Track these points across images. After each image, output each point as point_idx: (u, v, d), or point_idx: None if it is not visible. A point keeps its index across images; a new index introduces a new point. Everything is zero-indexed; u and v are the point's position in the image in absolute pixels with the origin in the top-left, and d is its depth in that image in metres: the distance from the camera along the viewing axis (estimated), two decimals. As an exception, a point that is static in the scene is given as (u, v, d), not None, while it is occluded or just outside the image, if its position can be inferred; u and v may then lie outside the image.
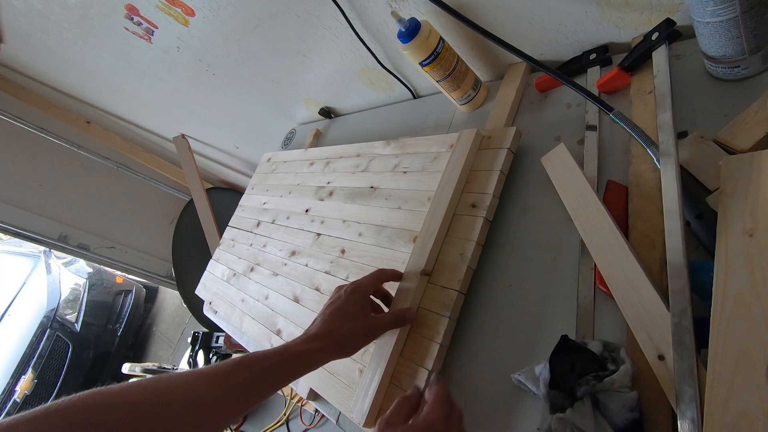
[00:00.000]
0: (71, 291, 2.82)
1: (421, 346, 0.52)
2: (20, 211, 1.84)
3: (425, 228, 0.58)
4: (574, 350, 0.39)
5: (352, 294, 0.48)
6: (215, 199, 1.70)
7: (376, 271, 0.54)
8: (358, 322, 0.47)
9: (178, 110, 1.47)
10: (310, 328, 0.47)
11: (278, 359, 0.41)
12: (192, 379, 0.36)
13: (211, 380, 0.37)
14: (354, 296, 0.48)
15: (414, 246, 0.58)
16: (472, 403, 0.49)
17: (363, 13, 0.73)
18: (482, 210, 0.55)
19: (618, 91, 0.56)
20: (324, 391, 0.61)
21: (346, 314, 0.47)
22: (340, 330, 0.46)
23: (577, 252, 0.48)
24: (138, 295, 3.16)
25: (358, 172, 0.78)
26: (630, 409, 0.35)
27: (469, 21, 0.59)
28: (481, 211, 0.55)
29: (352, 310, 0.47)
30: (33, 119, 1.75)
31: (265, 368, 0.40)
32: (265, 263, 0.86)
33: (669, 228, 0.40)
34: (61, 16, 1.09)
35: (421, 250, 0.57)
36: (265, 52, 0.96)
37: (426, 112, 0.84)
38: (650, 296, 0.39)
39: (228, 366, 0.39)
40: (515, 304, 0.51)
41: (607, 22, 0.57)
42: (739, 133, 0.41)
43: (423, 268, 0.55)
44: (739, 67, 0.44)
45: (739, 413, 0.29)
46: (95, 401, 0.31)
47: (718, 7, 0.39)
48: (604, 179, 0.50)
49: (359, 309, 0.48)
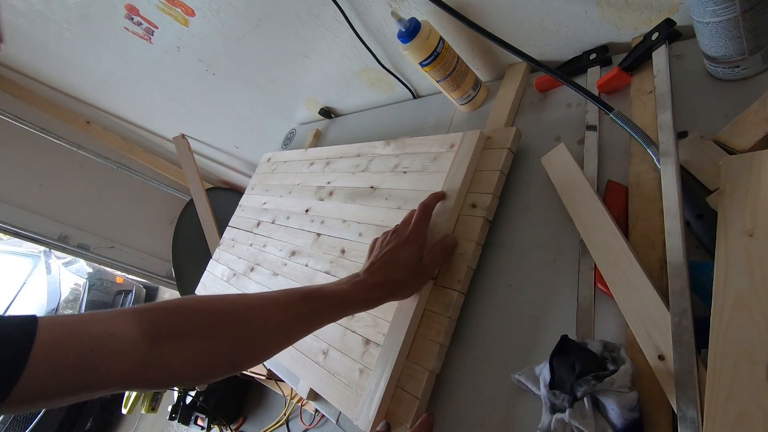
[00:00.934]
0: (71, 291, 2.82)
1: (422, 346, 0.52)
2: (20, 211, 1.84)
3: (430, 230, 0.58)
4: (574, 350, 0.39)
5: (411, 240, 0.50)
6: (215, 199, 1.69)
7: (422, 207, 0.54)
8: (416, 269, 0.50)
9: (178, 110, 1.47)
10: (371, 272, 0.49)
11: (340, 302, 0.46)
12: (268, 304, 0.42)
13: (282, 307, 0.43)
14: (412, 246, 0.50)
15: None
16: (472, 403, 0.49)
17: (363, 13, 0.73)
18: (482, 210, 0.55)
19: (618, 91, 0.56)
20: (324, 391, 0.61)
21: (404, 264, 0.49)
22: (396, 280, 0.49)
23: (577, 252, 0.48)
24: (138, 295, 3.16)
25: (358, 172, 0.78)
26: (630, 409, 0.35)
27: (469, 21, 0.59)
28: (481, 211, 0.55)
29: (409, 258, 0.50)
30: (33, 119, 1.75)
31: (328, 306, 0.45)
32: (265, 263, 0.86)
33: (669, 228, 0.40)
34: (61, 16, 1.09)
35: None
36: (265, 52, 0.96)
37: (426, 112, 0.84)
38: (650, 296, 0.39)
39: (297, 297, 0.44)
40: (515, 304, 0.51)
41: (607, 22, 0.57)
42: (739, 133, 0.41)
43: None
44: (739, 67, 0.44)
45: (739, 413, 0.29)
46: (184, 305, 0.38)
47: (718, 7, 0.39)
48: (604, 179, 0.50)
49: (415, 258, 0.50)
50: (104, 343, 0.31)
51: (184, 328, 0.36)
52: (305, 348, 0.66)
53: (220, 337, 0.37)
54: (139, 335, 0.33)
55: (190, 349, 0.35)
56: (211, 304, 0.39)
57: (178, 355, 0.34)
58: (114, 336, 0.31)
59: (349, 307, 0.46)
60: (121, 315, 0.33)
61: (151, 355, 0.33)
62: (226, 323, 0.38)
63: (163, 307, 0.36)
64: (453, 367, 0.52)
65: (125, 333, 0.32)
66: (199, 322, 0.37)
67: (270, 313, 0.41)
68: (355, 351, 0.58)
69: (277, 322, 0.42)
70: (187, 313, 0.37)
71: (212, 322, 0.37)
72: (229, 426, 1.92)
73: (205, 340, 0.36)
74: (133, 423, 2.75)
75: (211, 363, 0.37)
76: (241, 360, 0.39)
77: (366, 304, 0.47)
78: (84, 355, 0.30)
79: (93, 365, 0.30)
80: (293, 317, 0.43)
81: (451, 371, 0.52)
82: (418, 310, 0.54)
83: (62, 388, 0.30)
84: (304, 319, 0.44)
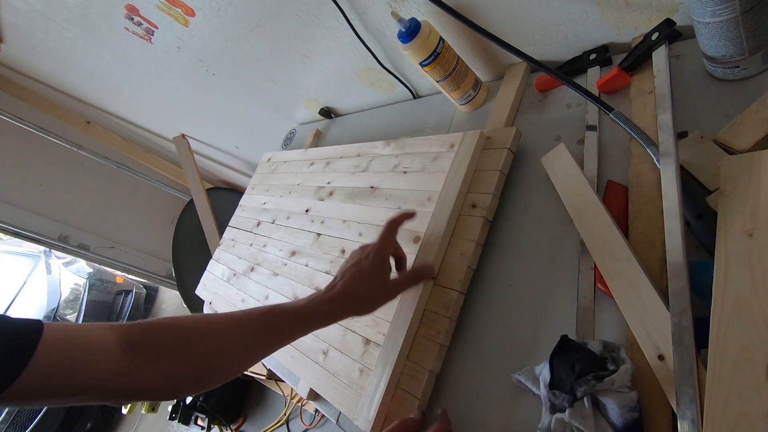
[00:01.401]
0: (71, 291, 2.81)
1: (422, 346, 0.52)
2: (20, 211, 1.84)
3: (430, 230, 0.58)
4: (574, 350, 0.39)
5: (375, 258, 0.50)
6: (215, 199, 1.69)
7: (387, 225, 0.53)
8: (377, 283, 0.49)
9: (178, 110, 1.47)
10: (331, 288, 0.49)
11: (299, 318, 0.46)
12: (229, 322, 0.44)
13: (241, 324, 0.44)
14: (375, 260, 0.49)
15: (418, 248, 0.58)
16: (472, 402, 0.49)
17: (363, 13, 0.73)
18: (482, 210, 0.55)
19: (618, 91, 0.56)
20: (324, 391, 0.61)
21: (366, 280, 0.49)
22: (359, 292, 0.48)
23: (577, 252, 0.48)
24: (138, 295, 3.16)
25: (358, 172, 0.78)
26: (630, 409, 0.35)
27: (469, 21, 0.60)
28: (481, 211, 0.55)
29: (371, 276, 0.49)
30: (33, 119, 1.75)
31: (287, 322, 0.46)
32: (265, 263, 0.86)
33: (669, 228, 0.40)
34: (61, 16, 1.09)
35: (425, 254, 0.57)
36: (266, 52, 0.96)
37: (426, 112, 0.84)
38: (650, 296, 0.39)
39: (256, 314, 0.46)
40: (515, 304, 0.51)
41: (607, 22, 0.57)
42: (739, 133, 0.41)
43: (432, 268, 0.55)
44: (739, 67, 0.44)
45: (739, 413, 0.29)
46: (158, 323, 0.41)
47: (718, 7, 0.39)
48: (604, 179, 0.50)
49: (378, 272, 0.49)
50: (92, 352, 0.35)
51: (155, 344, 0.39)
52: (305, 348, 0.66)
53: (184, 354, 0.40)
54: (119, 348, 0.37)
55: (159, 363, 0.39)
56: (179, 323, 0.42)
57: (150, 368, 0.38)
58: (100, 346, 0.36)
59: (309, 322, 0.47)
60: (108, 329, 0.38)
61: (128, 366, 0.37)
62: (190, 341, 0.41)
63: (141, 325, 0.40)
64: (453, 367, 0.52)
65: (109, 345, 0.37)
66: (167, 339, 0.40)
67: (230, 331, 0.44)
68: (355, 351, 0.58)
69: (238, 339, 0.44)
70: (159, 330, 0.40)
71: (178, 339, 0.41)
72: (229, 426, 1.92)
73: (172, 357, 0.40)
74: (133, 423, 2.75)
75: (178, 378, 0.40)
76: (206, 376, 0.42)
77: (324, 319, 0.47)
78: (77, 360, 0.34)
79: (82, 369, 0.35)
80: (252, 334, 0.44)
81: (451, 371, 0.52)
82: (418, 310, 0.54)
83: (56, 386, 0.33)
84: (263, 335, 0.45)
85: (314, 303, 0.47)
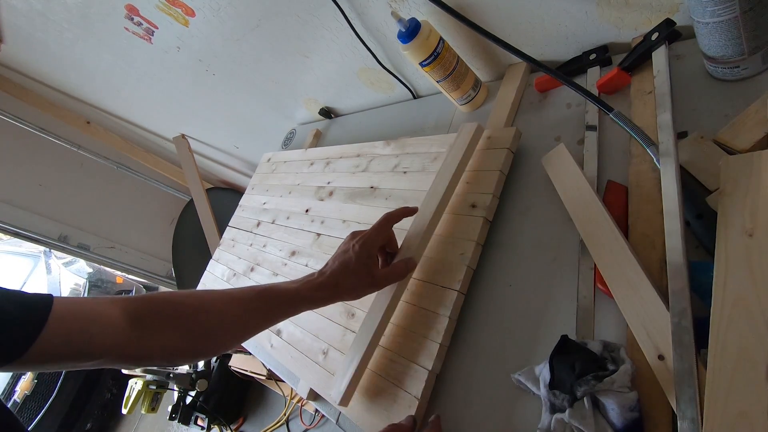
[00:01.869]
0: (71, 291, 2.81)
1: (421, 346, 0.52)
2: (20, 211, 1.84)
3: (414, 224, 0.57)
4: (574, 350, 0.39)
5: (361, 249, 0.50)
6: (215, 199, 1.69)
7: (383, 218, 0.53)
8: (363, 277, 0.50)
9: (178, 110, 1.47)
10: (322, 273, 0.51)
11: (290, 299, 0.49)
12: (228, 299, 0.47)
13: (238, 302, 0.47)
14: (362, 252, 0.50)
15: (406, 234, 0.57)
16: (472, 402, 0.49)
17: (363, 13, 0.73)
18: (482, 210, 0.55)
19: (618, 91, 0.56)
20: (324, 391, 0.61)
21: (353, 270, 0.50)
22: (345, 283, 0.50)
23: (577, 252, 0.48)
24: (138, 295, 3.15)
25: (358, 172, 0.78)
26: (630, 409, 0.35)
27: (469, 21, 0.60)
28: (481, 211, 0.55)
29: (357, 267, 0.50)
30: (33, 119, 1.74)
31: (280, 303, 0.49)
32: (265, 263, 0.86)
33: (669, 228, 0.40)
34: (61, 16, 1.09)
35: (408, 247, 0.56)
36: (266, 52, 0.96)
37: (426, 112, 0.84)
38: (650, 296, 0.39)
39: (253, 293, 0.48)
40: (515, 304, 0.51)
41: (607, 22, 0.57)
42: (739, 133, 0.41)
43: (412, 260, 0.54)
44: (739, 68, 0.44)
45: (739, 413, 0.29)
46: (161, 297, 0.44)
47: (718, 8, 0.39)
48: (604, 179, 0.50)
49: (363, 266, 0.50)
50: (100, 321, 0.39)
51: (157, 316, 0.43)
52: (305, 348, 0.66)
53: (184, 325, 0.44)
54: (125, 319, 0.40)
55: (161, 335, 0.42)
56: (182, 298, 0.46)
57: (151, 337, 0.42)
58: (107, 317, 0.40)
59: (299, 305, 0.50)
60: (114, 302, 0.41)
61: (132, 334, 0.40)
62: (189, 315, 0.44)
63: (145, 298, 0.43)
64: (453, 367, 0.52)
65: (115, 315, 0.40)
66: (169, 312, 0.44)
67: (228, 308, 0.47)
68: (355, 351, 0.58)
69: (233, 315, 0.47)
70: (162, 304, 0.44)
71: (179, 312, 0.44)
72: (229, 426, 1.92)
73: (172, 328, 0.43)
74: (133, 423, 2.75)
75: (177, 347, 0.43)
76: (202, 348, 0.45)
77: (313, 302, 0.50)
78: (85, 328, 0.38)
79: (91, 337, 0.38)
80: (247, 312, 0.48)
81: (451, 371, 0.52)
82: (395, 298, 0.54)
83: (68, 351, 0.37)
84: (257, 314, 0.48)
85: (307, 287, 0.49)
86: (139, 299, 0.43)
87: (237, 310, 0.47)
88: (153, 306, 0.43)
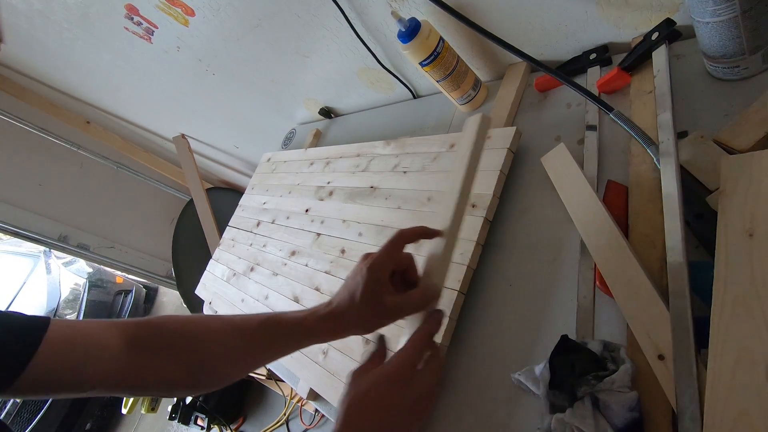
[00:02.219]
0: (71, 291, 2.81)
1: (421, 346, 0.52)
2: (20, 211, 1.84)
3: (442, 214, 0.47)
4: (574, 350, 0.39)
5: (368, 274, 0.42)
6: (215, 199, 1.69)
7: (395, 236, 0.43)
8: (371, 307, 0.42)
9: (178, 110, 1.47)
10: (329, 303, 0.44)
11: (295, 333, 0.44)
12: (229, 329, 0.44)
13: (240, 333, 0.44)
14: (370, 277, 0.41)
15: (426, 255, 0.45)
16: (472, 403, 0.49)
17: (363, 13, 0.73)
18: (482, 210, 0.55)
19: (618, 91, 0.55)
20: (324, 391, 0.61)
21: (360, 300, 0.41)
22: (351, 316, 0.43)
23: (577, 252, 0.48)
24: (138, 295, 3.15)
25: (358, 172, 0.78)
26: (630, 409, 0.35)
27: (469, 21, 0.59)
28: (481, 211, 0.55)
29: (365, 295, 0.41)
30: (33, 119, 1.75)
31: (284, 336, 0.45)
32: (265, 263, 0.86)
33: (669, 228, 0.40)
34: (61, 16, 1.09)
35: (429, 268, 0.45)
36: (265, 52, 0.95)
37: (426, 112, 0.84)
38: (650, 296, 0.39)
39: (256, 324, 0.44)
40: (515, 304, 0.51)
41: (607, 21, 0.57)
42: (739, 133, 0.41)
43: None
44: (739, 67, 0.44)
45: (739, 413, 0.29)
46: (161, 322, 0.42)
47: (718, 7, 0.39)
48: (604, 179, 0.50)
49: (371, 293, 0.41)
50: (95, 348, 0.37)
51: (156, 345, 0.41)
52: (305, 348, 0.66)
53: (182, 357, 0.41)
54: (122, 342, 0.38)
55: (159, 364, 0.40)
56: (181, 326, 0.43)
57: (151, 367, 0.40)
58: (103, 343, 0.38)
59: (301, 338, 0.45)
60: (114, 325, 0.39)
61: (130, 364, 0.38)
62: (188, 346, 0.42)
63: (146, 323, 0.41)
64: (453, 366, 0.52)
65: (113, 341, 0.38)
66: (167, 341, 0.41)
67: (229, 338, 0.44)
68: (355, 351, 0.58)
69: (235, 347, 0.44)
70: (160, 332, 0.41)
71: (178, 342, 0.42)
72: (229, 426, 1.92)
73: (171, 359, 0.41)
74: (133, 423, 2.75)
75: (175, 379, 0.41)
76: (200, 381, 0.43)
77: (317, 336, 0.45)
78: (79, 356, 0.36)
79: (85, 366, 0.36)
80: (250, 343, 0.44)
81: (451, 371, 0.52)
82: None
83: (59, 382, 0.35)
84: (260, 346, 0.44)
85: (312, 319, 0.44)
86: (141, 323, 0.41)
87: (238, 341, 0.43)
88: (153, 330, 0.41)
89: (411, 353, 0.38)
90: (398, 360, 0.37)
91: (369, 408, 0.35)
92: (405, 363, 0.37)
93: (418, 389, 0.36)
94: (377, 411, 0.35)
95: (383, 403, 0.35)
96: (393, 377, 0.36)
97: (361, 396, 0.36)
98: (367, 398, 0.36)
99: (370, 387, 0.36)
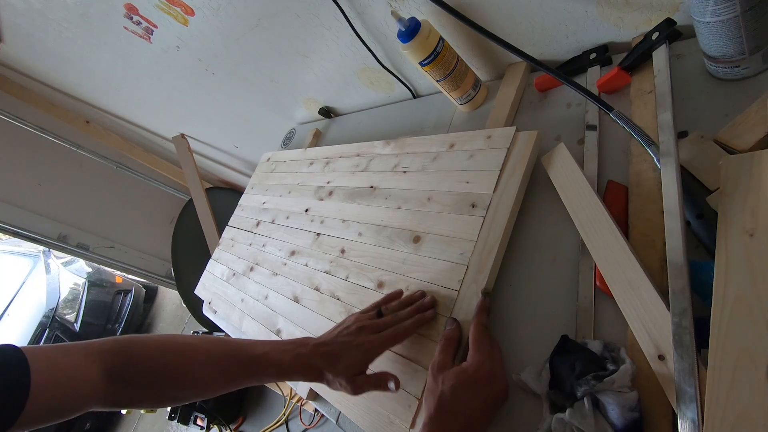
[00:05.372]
0: (70, 291, 2.82)
1: (422, 346, 0.52)
2: (20, 210, 1.84)
3: (483, 240, 0.53)
4: (574, 350, 0.39)
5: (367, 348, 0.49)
6: (215, 199, 1.69)
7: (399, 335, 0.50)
8: (350, 373, 0.48)
9: (177, 110, 1.47)
10: (314, 347, 0.50)
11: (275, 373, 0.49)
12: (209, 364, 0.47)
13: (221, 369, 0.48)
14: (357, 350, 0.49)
15: (471, 257, 0.53)
16: (472, 403, 0.48)
17: (363, 12, 0.73)
18: (482, 210, 0.55)
19: (618, 91, 0.55)
20: (324, 391, 0.61)
21: (344, 365, 0.48)
22: (328, 374, 0.48)
23: (577, 252, 0.48)
24: (137, 295, 3.16)
25: (357, 172, 0.78)
26: (630, 409, 0.35)
27: (469, 21, 0.59)
28: (481, 211, 0.55)
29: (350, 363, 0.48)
30: (33, 119, 1.75)
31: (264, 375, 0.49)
32: (264, 263, 0.86)
33: (669, 228, 0.40)
34: (60, 16, 1.09)
35: (479, 266, 0.51)
36: (265, 52, 0.95)
37: (426, 112, 0.84)
38: (650, 296, 0.39)
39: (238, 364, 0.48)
40: (515, 304, 0.51)
41: (608, 21, 0.57)
42: (739, 133, 0.41)
43: (484, 286, 0.50)
44: (739, 67, 0.44)
45: (739, 413, 0.29)
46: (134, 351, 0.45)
47: (719, 7, 0.39)
48: (604, 179, 0.50)
49: (358, 365, 0.48)
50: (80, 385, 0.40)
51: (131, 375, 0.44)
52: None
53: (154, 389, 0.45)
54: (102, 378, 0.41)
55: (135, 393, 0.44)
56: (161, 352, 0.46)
57: (128, 395, 0.44)
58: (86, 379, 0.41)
59: (284, 377, 0.50)
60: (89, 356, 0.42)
61: (111, 394, 0.42)
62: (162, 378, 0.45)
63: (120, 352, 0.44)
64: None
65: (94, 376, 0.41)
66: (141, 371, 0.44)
67: (208, 373, 0.47)
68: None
69: (214, 380, 0.47)
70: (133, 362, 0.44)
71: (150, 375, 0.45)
72: (229, 426, 1.92)
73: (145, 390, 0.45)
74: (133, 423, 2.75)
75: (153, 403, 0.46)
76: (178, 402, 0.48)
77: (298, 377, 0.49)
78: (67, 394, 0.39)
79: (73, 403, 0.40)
80: (230, 380, 0.48)
81: (450, 371, 0.52)
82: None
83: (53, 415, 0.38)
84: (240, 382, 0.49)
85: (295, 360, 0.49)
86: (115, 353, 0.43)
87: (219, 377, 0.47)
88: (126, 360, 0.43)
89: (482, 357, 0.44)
90: (477, 364, 0.43)
91: (455, 413, 0.41)
92: (481, 365, 0.43)
93: (495, 391, 0.43)
94: (463, 415, 0.41)
95: (468, 410, 0.41)
96: (473, 382, 0.42)
97: (447, 401, 0.42)
98: (454, 404, 0.41)
99: (455, 391, 0.42)
